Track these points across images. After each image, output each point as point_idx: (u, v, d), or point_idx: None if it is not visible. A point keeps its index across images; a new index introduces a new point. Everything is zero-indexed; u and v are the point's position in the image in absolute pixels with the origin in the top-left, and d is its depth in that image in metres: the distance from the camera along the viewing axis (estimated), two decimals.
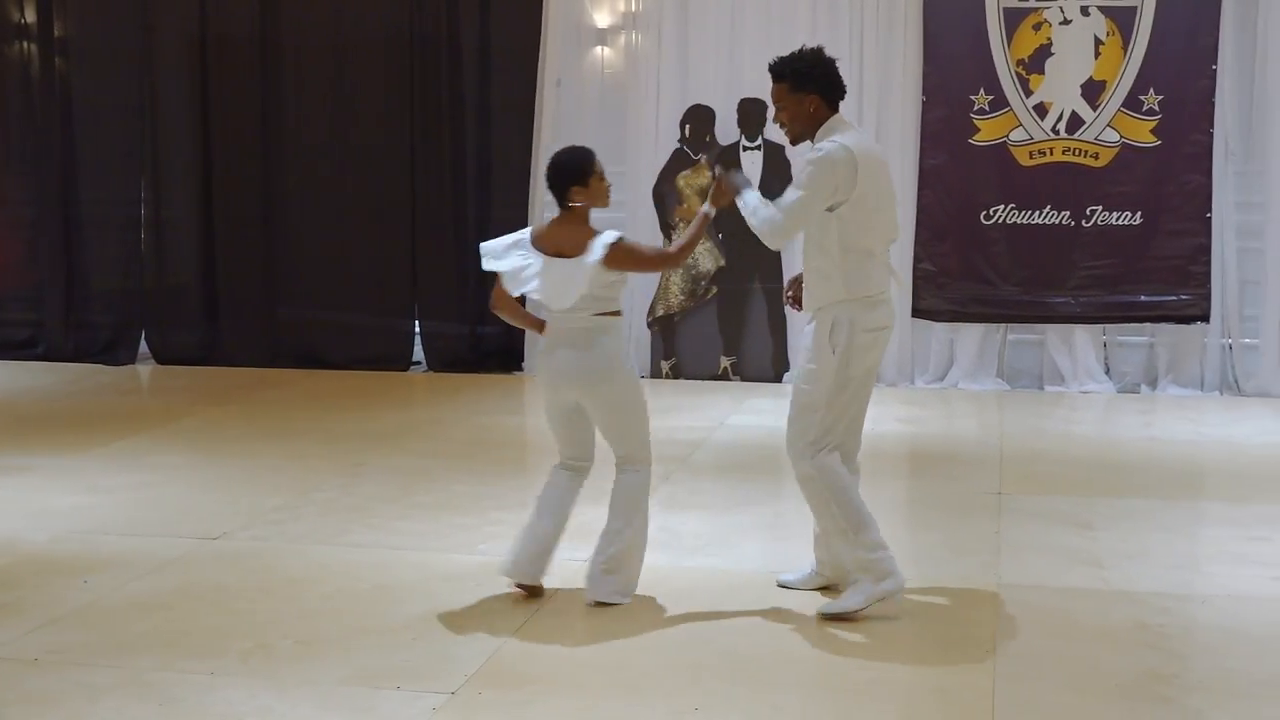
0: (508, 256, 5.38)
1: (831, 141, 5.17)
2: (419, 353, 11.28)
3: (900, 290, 9.88)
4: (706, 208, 5.41)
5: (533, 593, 5.45)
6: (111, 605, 5.40)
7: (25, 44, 11.78)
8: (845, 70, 10.61)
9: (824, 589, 5.47)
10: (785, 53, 5.39)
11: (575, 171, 5.38)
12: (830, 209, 5.15)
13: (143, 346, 11.63)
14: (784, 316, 10.54)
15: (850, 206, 5.14)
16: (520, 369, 10.94)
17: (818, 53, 5.35)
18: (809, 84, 5.27)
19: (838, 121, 5.28)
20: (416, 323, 11.26)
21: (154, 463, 7.86)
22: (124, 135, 11.55)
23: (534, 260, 5.33)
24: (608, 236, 5.29)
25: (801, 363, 5.39)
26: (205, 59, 11.37)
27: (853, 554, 5.22)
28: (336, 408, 9.63)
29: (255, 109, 11.32)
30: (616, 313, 5.39)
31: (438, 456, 8.06)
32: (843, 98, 5.37)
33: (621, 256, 5.27)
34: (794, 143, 5.39)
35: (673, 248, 5.59)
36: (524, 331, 10.86)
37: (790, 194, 5.21)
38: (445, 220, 11.08)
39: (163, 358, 11.50)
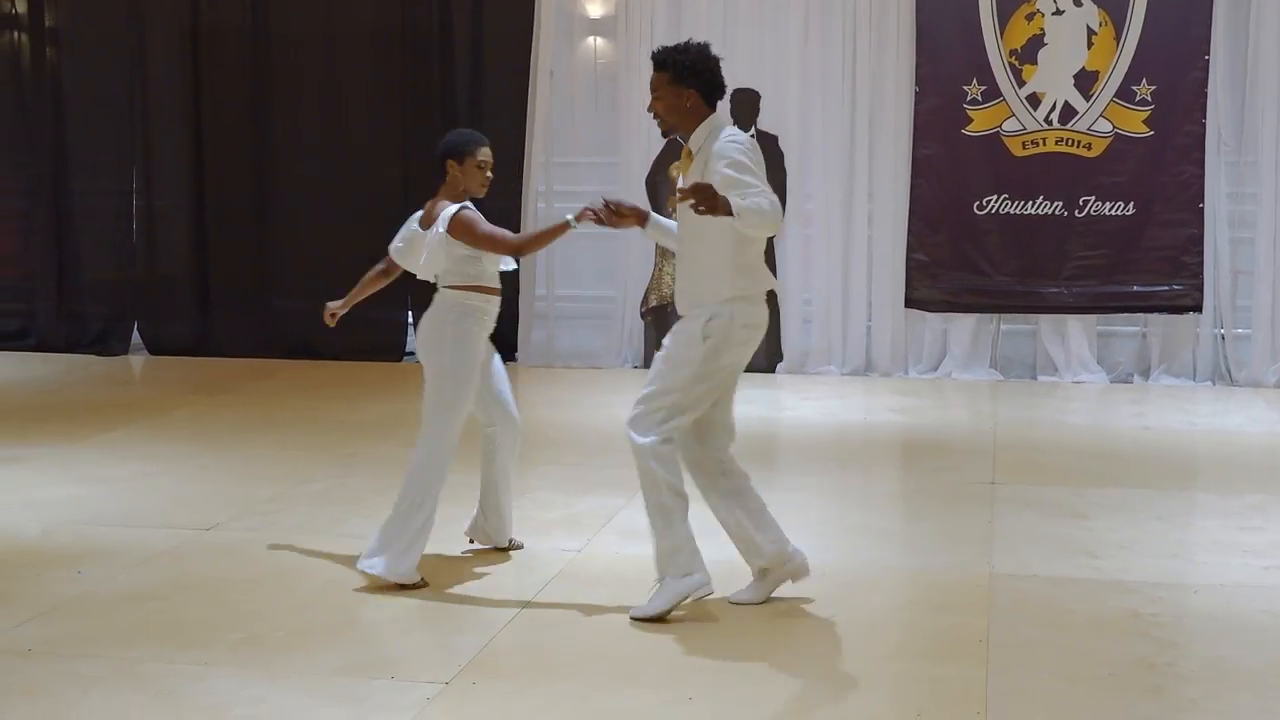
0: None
1: (733, 130, 5.15)
2: (412, 343, 11.26)
3: (895, 281, 9.94)
4: (571, 219, 5.41)
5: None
6: (104, 596, 5.39)
7: (16, 34, 11.76)
8: (837, 62, 10.72)
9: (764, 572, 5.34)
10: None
11: (454, 149, 5.63)
12: None
13: (135, 337, 11.62)
14: (777, 307, 10.53)
15: None
16: (514, 359, 10.93)
17: (703, 49, 5.25)
18: (689, 79, 5.16)
19: (719, 120, 5.19)
20: (409, 313, 11.25)
21: (146, 453, 7.85)
22: (115, 126, 11.53)
23: (413, 231, 5.75)
24: (452, 208, 5.54)
25: (666, 344, 5.16)
26: (196, 50, 11.35)
27: (664, 539, 5.11)
28: (329, 398, 9.62)
29: (247, 100, 11.30)
30: (474, 288, 5.57)
31: None
32: (721, 98, 5.27)
33: (460, 227, 5.48)
34: (665, 135, 5.35)
35: (517, 236, 5.78)
36: (517, 322, 10.93)
37: (746, 186, 4.90)
38: None
39: (155, 348, 11.49)
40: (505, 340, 10.98)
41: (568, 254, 10.96)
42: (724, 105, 11.42)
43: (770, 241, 10.38)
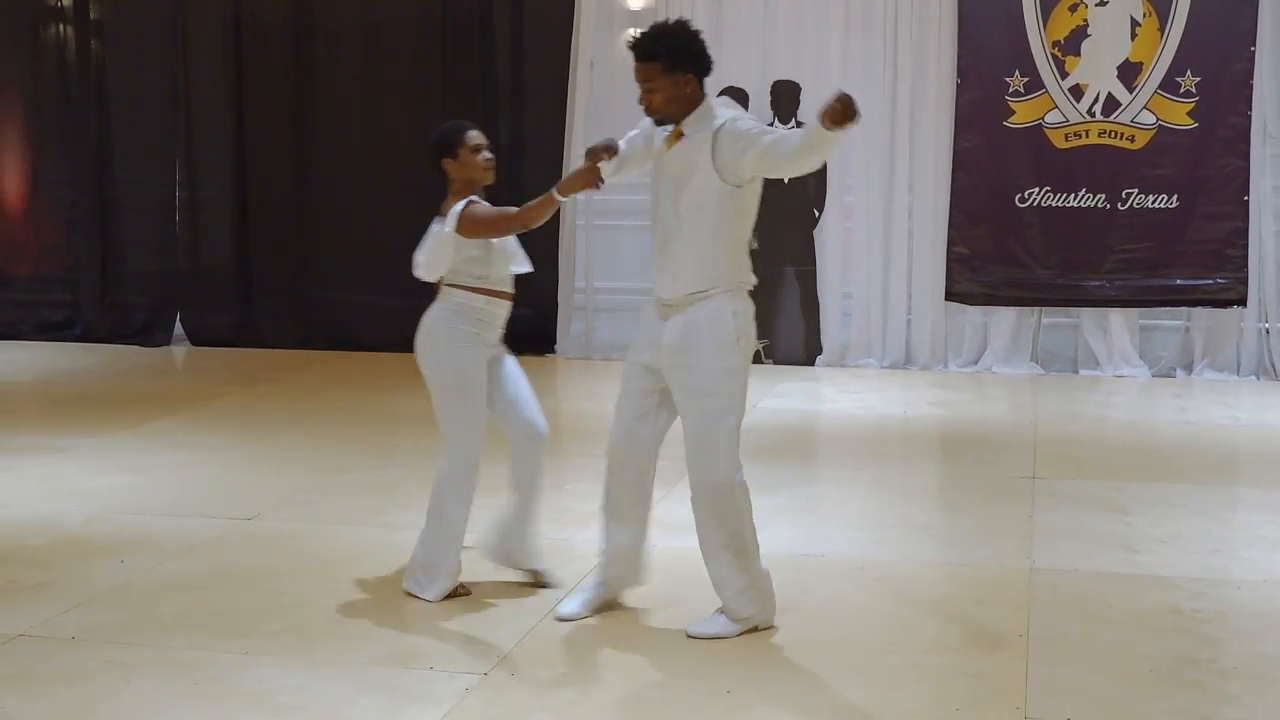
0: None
1: (729, 107, 4.79)
2: None
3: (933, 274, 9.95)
4: (555, 191, 4.98)
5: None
6: (145, 585, 5.43)
7: (62, 27, 11.86)
8: (878, 54, 10.72)
9: (605, 608, 5.12)
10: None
11: (442, 146, 5.31)
12: (739, 186, 4.76)
13: (177, 328, 11.71)
14: (816, 299, 10.52)
15: (750, 188, 4.82)
16: (553, 351, 10.95)
17: (686, 26, 4.82)
18: (686, 62, 4.74)
19: (711, 100, 4.82)
20: None
21: (188, 444, 7.91)
22: (159, 118, 11.62)
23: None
24: (460, 204, 5.22)
25: (703, 365, 4.75)
26: (239, 42, 11.42)
27: (740, 577, 4.89)
28: (369, 389, 9.66)
29: (289, 91, 11.36)
30: (480, 290, 5.30)
31: None
32: (710, 74, 4.86)
33: (467, 222, 5.17)
34: (659, 124, 4.86)
35: (514, 210, 5.21)
36: (556, 314, 10.95)
37: (759, 138, 4.65)
38: None
39: (197, 339, 11.58)
40: (544, 333, 11.01)
41: (606, 246, 10.98)
42: (765, 96, 11.41)
43: (810, 234, 10.42)
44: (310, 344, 11.29)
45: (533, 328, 11.10)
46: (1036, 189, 10.22)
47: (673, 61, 4.73)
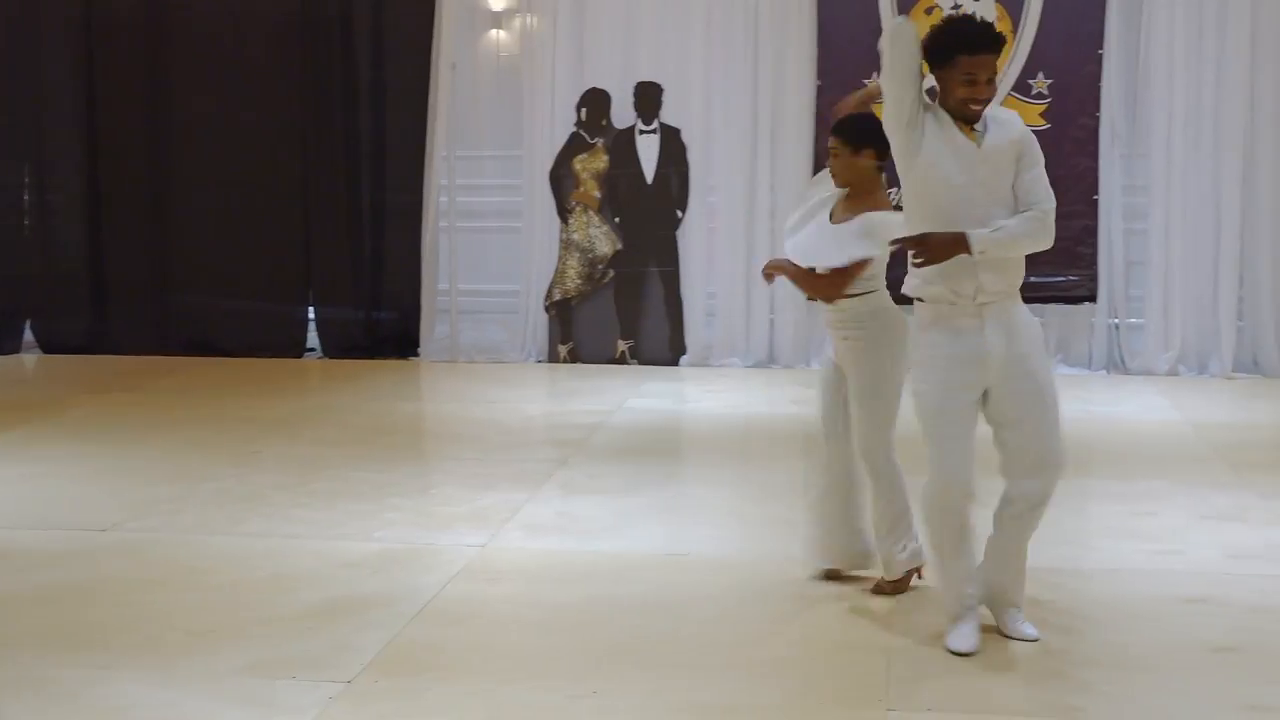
0: None
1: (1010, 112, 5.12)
2: (313, 339, 11.17)
3: None
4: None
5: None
6: None
7: None
8: (740, 56, 10.80)
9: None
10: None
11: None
12: None
13: (27, 335, 11.40)
14: (680, 300, 10.57)
15: None
16: (416, 354, 10.87)
17: None
18: None
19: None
20: (310, 308, 11.15)
21: (40, 454, 7.71)
22: (5, 118, 11.29)
23: None
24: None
25: (1044, 361, 5.24)
26: (90, 40, 11.15)
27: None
28: (229, 395, 9.50)
29: (143, 91, 11.12)
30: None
31: (333, 444, 7.99)
32: None
33: None
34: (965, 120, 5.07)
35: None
36: (419, 316, 10.87)
37: (1041, 174, 4.97)
38: (339, 204, 10.97)
39: (49, 346, 11.29)
40: (407, 335, 10.93)
41: (471, 248, 10.93)
42: (627, 98, 11.43)
43: (673, 234, 10.47)
44: (167, 349, 11.07)
45: (396, 330, 11.02)
46: (896, 190, 10.33)
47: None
